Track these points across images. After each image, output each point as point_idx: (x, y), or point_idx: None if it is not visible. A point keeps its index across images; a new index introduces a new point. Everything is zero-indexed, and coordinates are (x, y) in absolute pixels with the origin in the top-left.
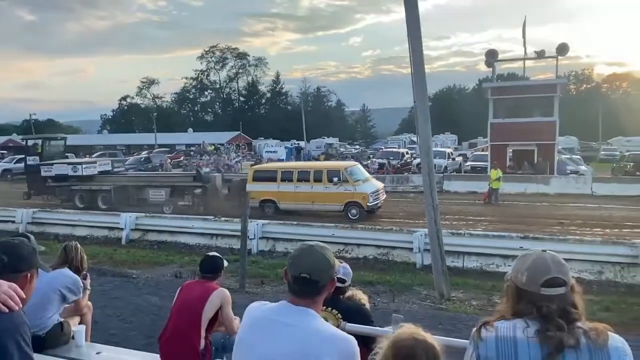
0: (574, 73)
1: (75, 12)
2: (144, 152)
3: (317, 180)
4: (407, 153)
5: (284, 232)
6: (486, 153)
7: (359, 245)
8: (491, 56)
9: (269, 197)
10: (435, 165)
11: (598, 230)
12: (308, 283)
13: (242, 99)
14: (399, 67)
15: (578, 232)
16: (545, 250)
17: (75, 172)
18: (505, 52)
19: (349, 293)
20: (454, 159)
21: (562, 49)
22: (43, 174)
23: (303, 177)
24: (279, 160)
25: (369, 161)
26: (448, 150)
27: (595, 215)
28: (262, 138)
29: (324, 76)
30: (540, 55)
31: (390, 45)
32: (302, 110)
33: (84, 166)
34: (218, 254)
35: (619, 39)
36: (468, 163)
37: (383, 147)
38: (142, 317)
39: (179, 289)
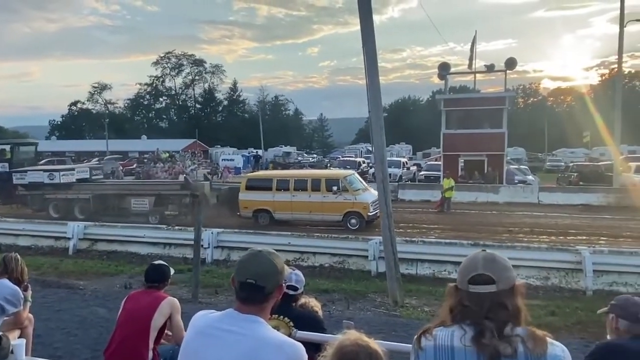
0: (521, 87)
1: (20, 13)
2: (94, 160)
3: (315, 189)
4: (363, 162)
5: (239, 241)
6: (439, 163)
7: (315, 253)
8: (443, 69)
9: (263, 206)
10: (390, 174)
11: (544, 237)
12: (254, 289)
13: (198, 106)
14: (355, 78)
15: (526, 239)
16: (484, 250)
17: (52, 179)
18: (457, 65)
19: (301, 301)
20: (408, 169)
21: (510, 63)
22: (15, 181)
23: (300, 186)
24: (235, 168)
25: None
26: (403, 160)
27: (541, 223)
28: (219, 146)
29: (281, 85)
30: (489, 69)
31: (347, 56)
32: (260, 118)
33: (61, 173)
34: (164, 262)
35: (563, 55)
36: (422, 172)
37: (340, 157)
38: (87, 330)
39: (125, 299)
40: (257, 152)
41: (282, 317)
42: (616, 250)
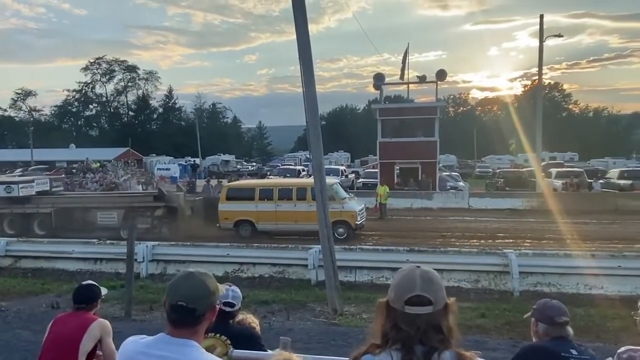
0: (452, 96)
1: None
2: (17, 170)
3: (301, 198)
4: (303, 170)
5: (175, 254)
6: (377, 170)
7: (255, 264)
8: (378, 80)
9: (245, 217)
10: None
11: (475, 241)
12: (185, 311)
13: (131, 113)
14: (293, 86)
15: (458, 243)
16: (419, 266)
17: (9, 192)
18: (392, 75)
19: (239, 317)
20: (346, 176)
21: (441, 74)
22: None
23: (285, 195)
24: (172, 178)
25: (266, 178)
26: (341, 168)
27: (472, 228)
28: (154, 155)
29: (219, 92)
30: (421, 80)
31: (285, 64)
32: (197, 126)
33: (20, 186)
34: (93, 282)
35: (490, 67)
36: (360, 180)
37: (280, 165)
38: (10, 355)
39: (51, 322)
40: (194, 160)
41: (218, 335)
42: (540, 252)
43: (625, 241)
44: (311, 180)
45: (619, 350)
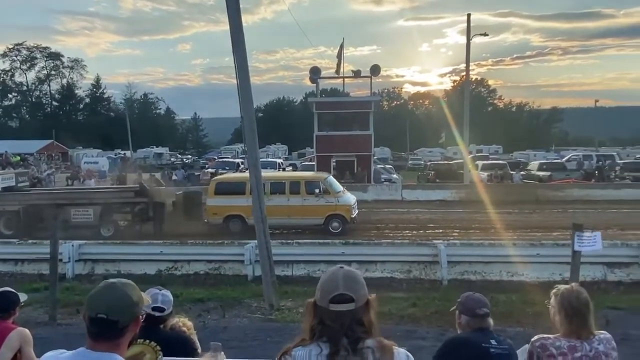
0: (386, 90)
1: None
2: None
3: (294, 192)
4: (242, 163)
5: (105, 253)
6: (314, 163)
7: (189, 261)
8: (314, 73)
9: (235, 212)
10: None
11: (407, 232)
12: (106, 324)
13: (55, 103)
14: (229, 77)
15: (391, 235)
16: (342, 267)
17: None
18: (328, 68)
19: (172, 321)
20: (284, 169)
21: (375, 69)
22: None
23: (277, 189)
24: (100, 172)
25: (201, 171)
26: (279, 161)
27: (405, 219)
28: (81, 147)
29: (151, 82)
30: (356, 74)
31: (220, 54)
32: (127, 117)
33: None
34: (10, 289)
35: (422, 62)
36: None
37: (216, 157)
38: None
39: None
40: (124, 153)
41: (148, 341)
42: (467, 242)
43: (544, 229)
44: (305, 173)
45: (532, 339)
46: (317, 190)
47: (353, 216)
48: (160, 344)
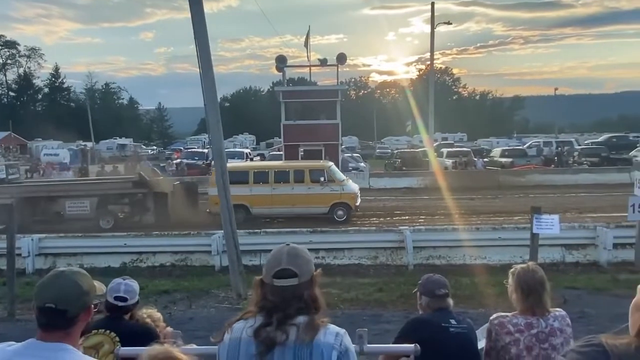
0: (353, 80)
1: None
2: None
3: (299, 181)
4: (249, 154)
5: (66, 246)
6: (282, 153)
7: (155, 253)
8: (281, 62)
9: (238, 201)
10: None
11: (374, 219)
12: (55, 314)
13: (12, 94)
14: (194, 66)
15: (359, 222)
16: (288, 244)
17: None
18: (295, 57)
19: (139, 312)
20: (252, 159)
21: (341, 58)
22: None
23: (281, 178)
24: (61, 164)
25: (167, 162)
26: (246, 151)
27: (372, 207)
28: (40, 139)
29: (112, 71)
30: (323, 63)
31: (185, 42)
32: (89, 107)
33: None
34: None
35: (388, 51)
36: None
37: (182, 148)
38: None
39: None
40: (85, 145)
41: (107, 331)
42: (431, 228)
43: (505, 214)
44: (309, 162)
45: (491, 317)
46: (322, 179)
47: (357, 204)
48: (122, 334)
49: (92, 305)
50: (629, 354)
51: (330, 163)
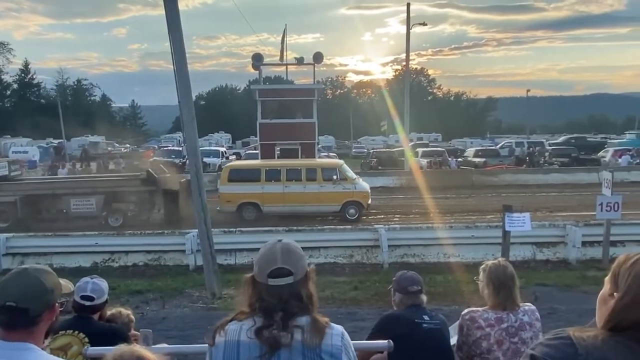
0: (330, 79)
1: None
2: None
3: (311, 179)
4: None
5: (35, 246)
6: (258, 151)
7: (127, 252)
8: (257, 60)
9: (249, 199)
10: (209, 164)
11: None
12: (17, 313)
13: None
14: (169, 63)
15: (335, 221)
16: (280, 240)
17: None
18: (271, 55)
19: (110, 311)
20: (227, 158)
21: (318, 57)
22: None
23: (293, 176)
24: (30, 162)
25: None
26: (222, 149)
27: None
28: (9, 136)
29: (85, 68)
30: (299, 62)
31: (159, 39)
32: (59, 104)
33: None
34: None
35: (364, 51)
36: None
37: (156, 146)
38: None
39: None
40: (59, 142)
41: (76, 332)
42: (406, 226)
43: (478, 212)
44: (321, 160)
45: (462, 313)
46: (335, 177)
47: (369, 202)
48: (90, 335)
49: (57, 304)
50: (596, 346)
51: (342, 161)
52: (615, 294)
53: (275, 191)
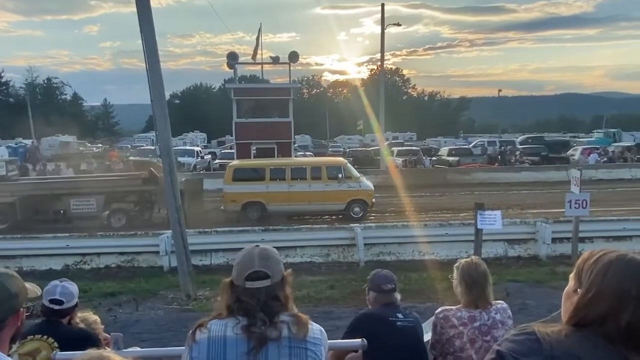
0: (305, 78)
1: None
2: None
3: (316, 178)
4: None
5: (3, 248)
6: (233, 151)
7: (99, 254)
8: (232, 58)
9: (254, 199)
10: (184, 163)
11: (326, 217)
12: None
13: None
14: (142, 61)
15: (311, 220)
16: (258, 245)
17: None
18: (247, 54)
19: (78, 316)
20: (202, 157)
21: (293, 56)
22: None
23: (298, 175)
24: None
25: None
26: (197, 149)
27: None
28: None
29: (55, 66)
30: (275, 61)
31: (132, 37)
32: (29, 103)
33: None
34: None
35: (340, 51)
36: (217, 161)
37: (129, 146)
38: None
39: None
40: (33, 141)
41: (44, 337)
42: (381, 225)
43: (452, 211)
44: (325, 159)
45: (436, 311)
46: (340, 175)
47: (374, 201)
48: (60, 340)
49: (23, 309)
50: (560, 341)
51: (346, 160)
52: (578, 290)
53: (280, 190)
